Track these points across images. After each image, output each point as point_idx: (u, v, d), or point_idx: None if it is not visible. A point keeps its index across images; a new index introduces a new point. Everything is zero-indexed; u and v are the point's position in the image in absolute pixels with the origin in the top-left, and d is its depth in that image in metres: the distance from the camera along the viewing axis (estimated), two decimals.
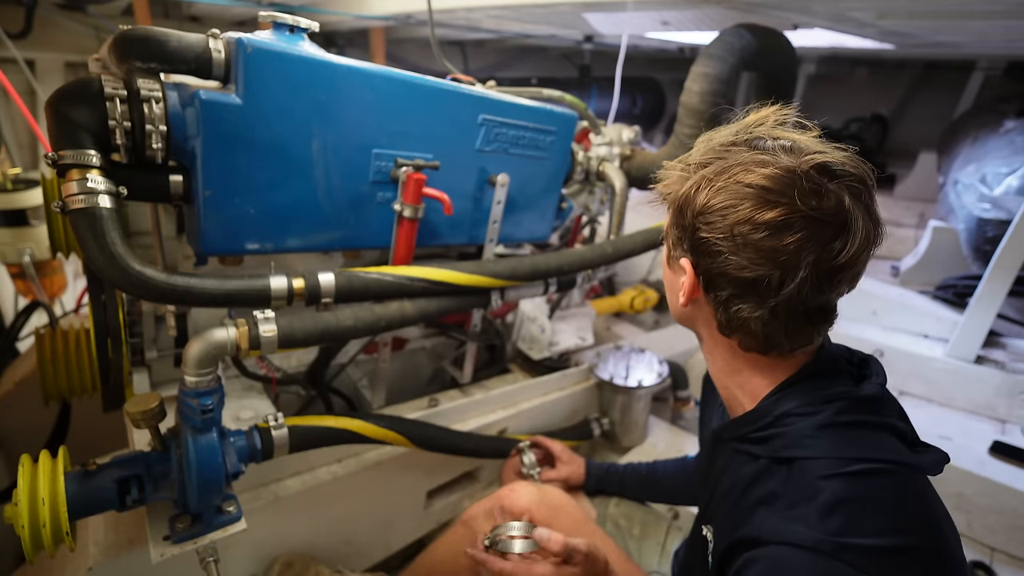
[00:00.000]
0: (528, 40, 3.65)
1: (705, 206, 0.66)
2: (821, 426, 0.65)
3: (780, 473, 0.65)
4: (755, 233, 0.61)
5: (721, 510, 0.75)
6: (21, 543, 0.74)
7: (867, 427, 0.65)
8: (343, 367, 1.35)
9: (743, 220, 0.62)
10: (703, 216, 0.66)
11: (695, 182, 0.68)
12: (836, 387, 0.68)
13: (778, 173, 0.61)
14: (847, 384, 0.70)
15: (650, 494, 1.27)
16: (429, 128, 1.07)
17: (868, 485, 0.59)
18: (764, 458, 0.68)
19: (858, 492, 0.58)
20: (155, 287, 0.78)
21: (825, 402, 0.67)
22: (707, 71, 1.51)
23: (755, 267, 0.62)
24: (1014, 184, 2.16)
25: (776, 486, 0.64)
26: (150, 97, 0.78)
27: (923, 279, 2.51)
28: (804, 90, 4.38)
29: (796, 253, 0.60)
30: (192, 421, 0.81)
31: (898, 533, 0.56)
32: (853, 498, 0.58)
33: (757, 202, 0.62)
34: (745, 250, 0.63)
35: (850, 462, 0.60)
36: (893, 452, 0.63)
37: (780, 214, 0.60)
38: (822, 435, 0.64)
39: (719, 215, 0.64)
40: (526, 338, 1.69)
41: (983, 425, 1.79)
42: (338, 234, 1.06)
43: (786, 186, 0.60)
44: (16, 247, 1.63)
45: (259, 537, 1.13)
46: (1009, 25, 1.95)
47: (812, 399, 0.67)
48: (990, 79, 3.84)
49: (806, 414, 0.66)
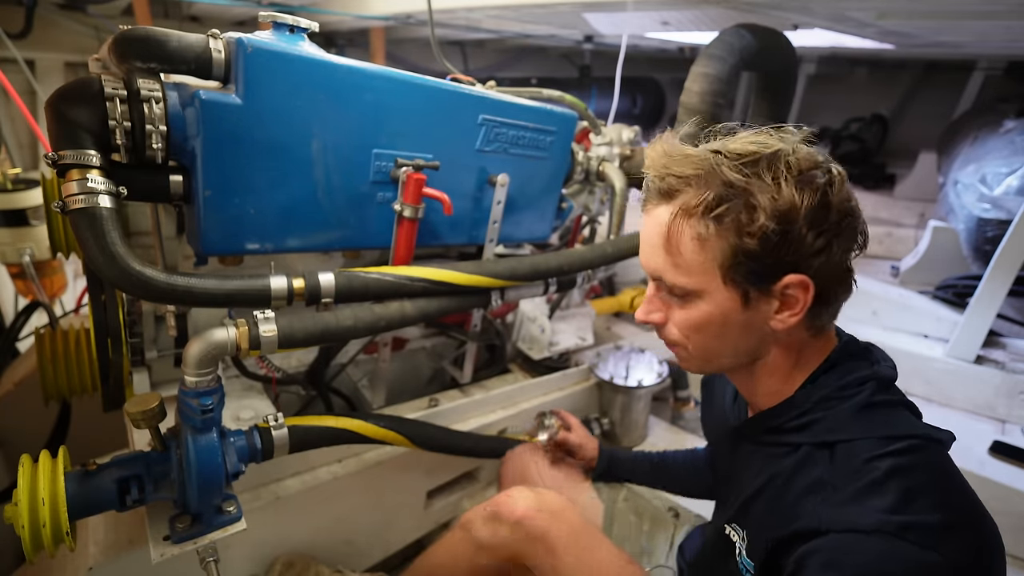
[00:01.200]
0: (528, 40, 3.65)
1: (797, 205, 0.62)
2: (860, 407, 0.67)
3: (823, 459, 0.66)
4: (843, 204, 0.65)
5: (756, 508, 0.73)
6: (21, 543, 0.74)
7: (895, 406, 0.68)
8: (343, 367, 1.35)
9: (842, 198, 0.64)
10: (806, 217, 0.62)
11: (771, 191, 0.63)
12: (864, 369, 0.71)
13: (806, 149, 0.67)
14: (870, 366, 0.72)
15: (660, 482, 1.24)
16: (429, 128, 1.07)
17: (913, 461, 0.61)
18: (805, 445, 0.68)
19: (907, 469, 0.60)
20: (155, 287, 0.78)
21: (859, 384, 0.69)
22: (707, 71, 1.52)
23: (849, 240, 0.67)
24: (1014, 184, 2.16)
25: (822, 473, 0.64)
26: (150, 97, 0.78)
27: (923, 279, 2.51)
28: (804, 90, 4.39)
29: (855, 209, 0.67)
30: (192, 421, 0.81)
31: (949, 507, 0.57)
32: (903, 476, 0.59)
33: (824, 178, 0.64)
34: (845, 228, 0.65)
35: (892, 440, 0.63)
36: (921, 428, 0.66)
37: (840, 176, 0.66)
38: (862, 416, 0.66)
39: (819, 205, 0.63)
40: (526, 338, 1.69)
41: (983, 425, 1.79)
42: (338, 234, 1.06)
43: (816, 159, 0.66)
44: (16, 247, 1.63)
45: (259, 537, 1.13)
46: (1009, 25, 1.95)
47: (848, 382, 0.69)
48: (990, 79, 3.84)
49: (844, 397, 0.68)
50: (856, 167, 4.15)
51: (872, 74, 4.58)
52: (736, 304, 0.68)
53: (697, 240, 0.66)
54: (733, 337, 0.71)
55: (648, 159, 0.72)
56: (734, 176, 0.64)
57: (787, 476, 0.69)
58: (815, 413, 0.69)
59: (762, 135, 0.69)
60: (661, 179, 0.69)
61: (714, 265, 0.66)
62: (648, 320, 0.76)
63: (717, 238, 0.65)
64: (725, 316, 0.69)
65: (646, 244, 0.73)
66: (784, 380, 0.74)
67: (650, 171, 0.71)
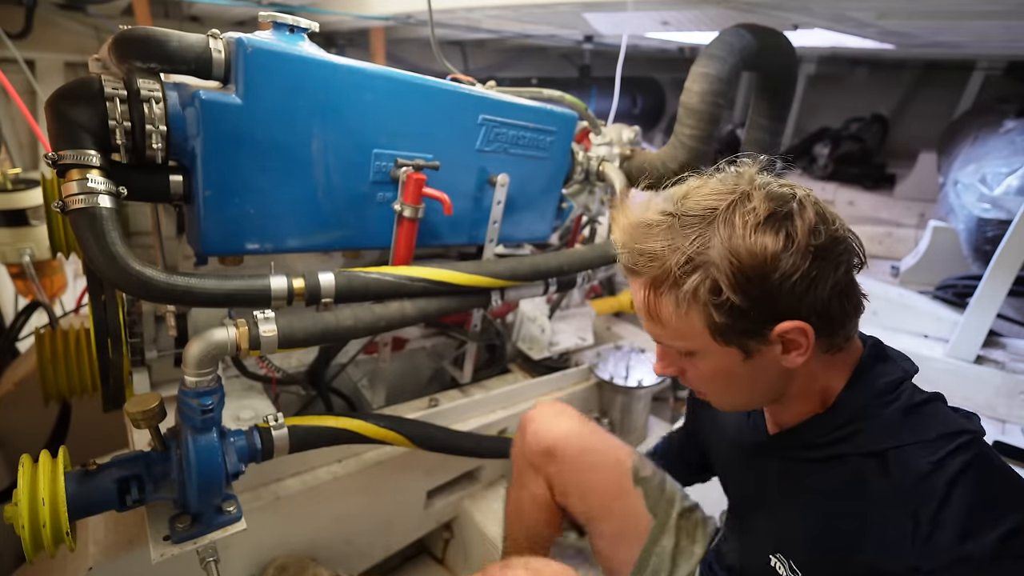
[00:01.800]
0: (528, 40, 3.65)
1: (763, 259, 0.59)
2: (905, 411, 0.66)
3: (875, 470, 0.64)
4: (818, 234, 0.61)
5: (808, 532, 0.71)
6: (21, 543, 0.74)
7: (933, 402, 0.67)
8: (343, 367, 1.35)
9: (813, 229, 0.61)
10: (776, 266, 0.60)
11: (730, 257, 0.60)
12: (895, 371, 0.70)
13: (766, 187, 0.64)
14: (897, 366, 0.71)
15: None
16: (429, 128, 1.07)
17: (968, 462, 0.60)
18: (852, 456, 0.66)
19: (968, 473, 0.59)
20: (155, 287, 0.78)
21: (897, 386, 0.68)
22: (707, 71, 1.51)
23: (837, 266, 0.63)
24: (1014, 184, 2.16)
25: (884, 491, 0.62)
26: (150, 97, 0.78)
27: (923, 279, 2.50)
28: (804, 90, 4.38)
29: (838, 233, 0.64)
30: (192, 421, 0.81)
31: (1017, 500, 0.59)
32: (969, 484, 0.58)
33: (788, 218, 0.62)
34: (827, 257, 0.62)
35: (943, 440, 0.62)
36: (963, 421, 0.66)
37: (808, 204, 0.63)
38: (909, 420, 0.65)
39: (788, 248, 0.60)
40: (526, 338, 1.69)
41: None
42: (338, 234, 1.06)
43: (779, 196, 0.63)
44: (16, 247, 1.63)
45: (259, 537, 1.13)
46: (1009, 25, 1.94)
47: (885, 387, 0.68)
48: (990, 79, 3.84)
49: (886, 402, 0.67)
50: (856, 167, 4.14)
51: (872, 74, 4.57)
52: (737, 358, 0.66)
53: (675, 311, 0.65)
54: (748, 385, 0.70)
55: (614, 233, 0.72)
56: (692, 248, 0.62)
57: (840, 493, 0.67)
58: (858, 423, 0.67)
59: (719, 179, 0.68)
60: (627, 257, 0.68)
61: (702, 328, 0.65)
62: (665, 374, 0.77)
63: (693, 308, 0.64)
64: (730, 370, 0.68)
65: (637, 311, 0.72)
66: (817, 402, 0.72)
67: (617, 247, 0.71)
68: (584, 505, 1.08)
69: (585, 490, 1.08)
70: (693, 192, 0.67)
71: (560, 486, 1.09)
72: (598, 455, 1.09)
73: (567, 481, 1.08)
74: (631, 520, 1.05)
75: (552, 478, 1.10)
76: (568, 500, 1.09)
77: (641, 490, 1.06)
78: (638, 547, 1.03)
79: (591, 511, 1.08)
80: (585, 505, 1.08)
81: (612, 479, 1.07)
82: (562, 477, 1.08)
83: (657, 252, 0.64)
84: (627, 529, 1.05)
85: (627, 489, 1.06)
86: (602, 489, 1.07)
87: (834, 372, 0.70)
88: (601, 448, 1.10)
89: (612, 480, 1.07)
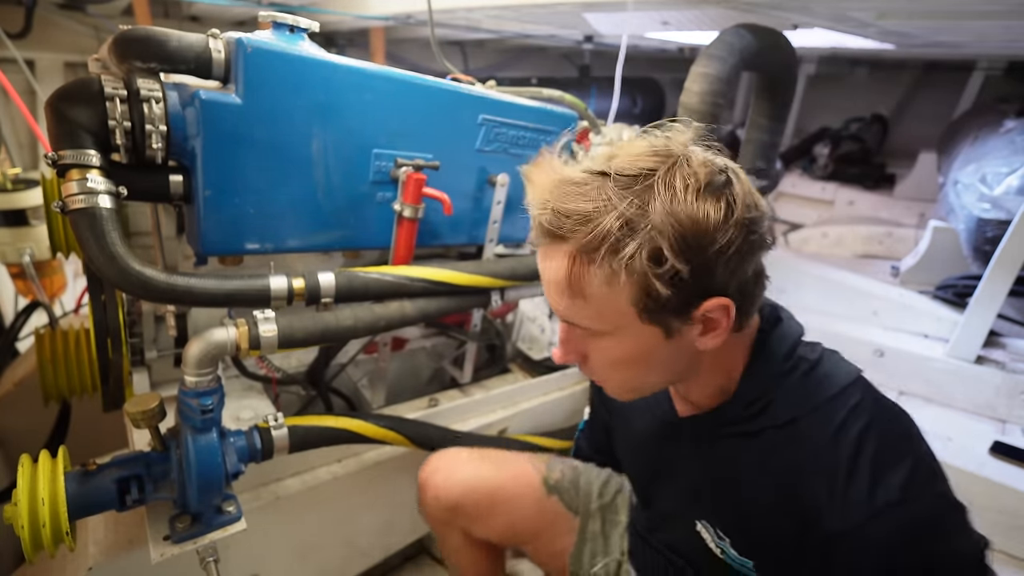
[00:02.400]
0: (528, 40, 3.65)
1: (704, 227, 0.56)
2: (804, 376, 0.67)
3: (791, 438, 0.65)
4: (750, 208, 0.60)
5: (731, 502, 0.72)
6: (21, 543, 0.74)
7: (821, 361, 0.69)
8: (343, 367, 1.35)
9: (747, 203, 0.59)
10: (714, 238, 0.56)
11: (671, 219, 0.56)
12: (789, 335, 0.71)
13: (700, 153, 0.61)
14: (788, 327, 0.72)
15: None
16: (429, 128, 1.07)
17: (867, 412, 0.64)
18: (768, 429, 0.67)
19: (869, 427, 0.62)
20: (155, 287, 0.78)
21: (793, 352, 0.69)
22: (707, 71, 1.51)
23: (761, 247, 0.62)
24: (1014, 184, 2.15)
25: (802, 457, 0.64)
26: (150, 97, 0.78)
27: (923, 279, 2.50)
28: (804, 90, 4.38)
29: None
30: (192, 421, 0.81)
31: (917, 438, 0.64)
32: (873, 438, 0.62)
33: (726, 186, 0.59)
34: (755, 235, 0.60)
35: (840, 398, 0.65)
36: (848, 367, 0.70)
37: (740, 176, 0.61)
38: (809, 384, 0.67)
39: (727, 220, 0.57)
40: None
41: (983, 425, 1.79)
42: (338, 234, 1.06)
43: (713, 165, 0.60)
44: (16, 247, 1.63)
45: (259, 537, 1.13)
46: (1009, 25, 1.94)
47: (785, 355, 0.69)
48: (990, 79, 3.84)
49: (789, 370, 0.68)
50: (856, 167, 4.14)
51: (872, 74, 4.57)
52: (658, 338, 0.63)
53: (605, 284, 0.59)
54: (659, 367, 0.67)
55: (531, 192, 0.63)
56: (631, 210, 0.56)
57: (760, 465, 0.67)
58: (768, 396, 0.68)
59: (649, 141, 0.62)
60: (550, 218, 0.59)
61: (627, 305, 0.60)
62: (566, 362, 0.71)
63: (626, 279, 0.57)
64: (648, 351, 0.64)
65: (548, 285, 0.64)
66: (724, 378, 0.71)
67: (534, 208, 0.61)
68: (511, 534, 1.07)
69: (505, 524, 1.06)
70: (622, 152, 0.60)
71: (480, 531, 1.07)
72: (506, 488, 1.05)
73: (485, 526, 1.06)
74: (558, 527, 1.06)
75: (468, 528, 1.07)
76: (493, 537, 1.08)
77: (556, 496, 1.06)
78: (572, 545, 1.05)
79: (519, 537, 1.08)
80: (512, 534, 1.07)
81: (527, 503, 1.05)
82: (478, 524, 1.06)
83: (590, 213, 0.57)
84: (557, 536, 1.06)
85: (544, 503, 1.06)
86: (520, 516, 1.06)
87: (738, 347, 0.70)
88: (506, 478, 1.06)
89: (527, 503, 1.05)
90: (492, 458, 1.10)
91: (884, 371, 2.00)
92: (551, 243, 0.62)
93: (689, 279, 0.57)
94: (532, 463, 1.10)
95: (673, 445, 0.82)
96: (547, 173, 0.62)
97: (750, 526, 0.70)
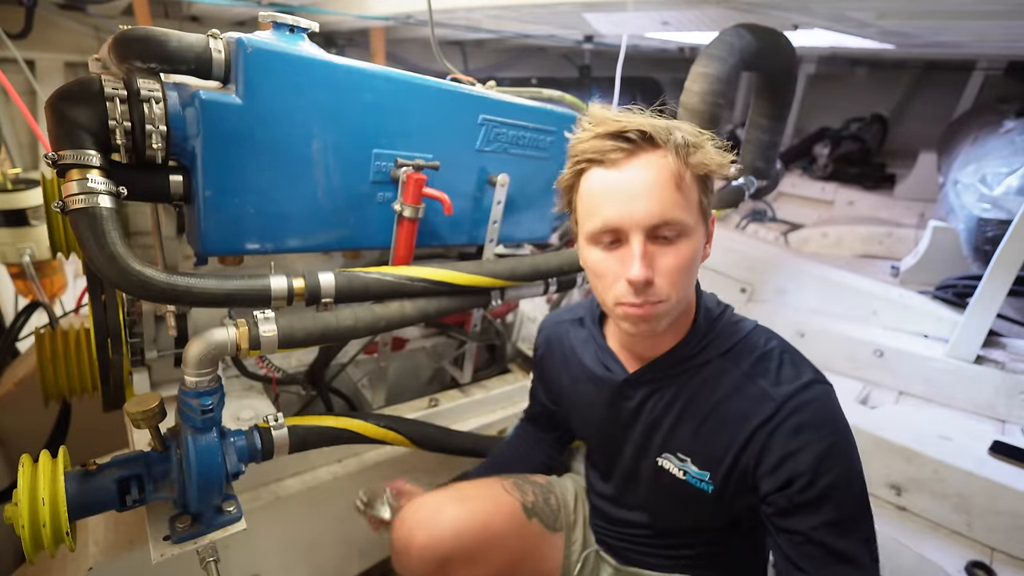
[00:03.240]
0: (528, 40, 3.65)
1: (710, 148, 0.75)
2: (730, 317, 0.88)
3: (732, 361, 0.82)
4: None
5: (690, 428, 0.84)
6: (21, 543, 0.74)
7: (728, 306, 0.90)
8: (343, 367, 1.35)
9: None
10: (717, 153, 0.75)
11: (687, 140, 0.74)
12: (711, 294, 0.91)
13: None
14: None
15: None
16: (429, 128, 1.07)
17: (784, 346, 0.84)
18: (714, 359, 0.83)
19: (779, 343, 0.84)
20: (155, 287, 0.78)
21: (719, 302, 0.89)
22: (707, 71, 1.51)
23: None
24: (1014, 184, 2.16)
25: (742, 371, 0.81)
26: (150, 97, 0.78)
27: (923, 279, 2.50)
28: (804, 90, 4.38)
29: None
30: (192, 421, 0.81)
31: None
32: (783, 349, 0.83)
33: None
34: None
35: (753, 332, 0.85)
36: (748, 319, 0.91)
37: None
38: (734, 322, 0.87)
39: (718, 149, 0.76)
40: (526, 338, 1.69)
41: (983, 425, 1.79)
42: (338, 234, 1.06)
43: None
44: (16, 247, 1.63)
45: (259, 537, 1.13)
46: (1009, 25, 1.94)
47: (716, 303, 0.89)
48: (990, 79, 3.84)
49: (721, 314, 0.87)
50: (856, 167, 4.14)
51: (872, 74, 4.57)
52: (702, 238, 0.77)
53: (693, 177, 0.74)
54: (696, 273, 0.80)
55: (606, 117, 0.76)
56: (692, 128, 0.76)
57: (710, 387, 0.82)
58: (711, 332, 0.85)
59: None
60: (641, 131, 0.73)
61: (698, 200, 0.75)
62: (649, 277, 0.73)
63: (699, 176, 0.75)
64: (697, 252, 0.77)
65: (645, 189, 0.72)
66: (688, 315, 0.85)
67: (622, 124, 0.73)
68: (504, 570, 0.99)
69: (498, 562, 0.97)
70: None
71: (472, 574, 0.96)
72: (494, 523, 0.97)
73: (476, 568, 0.95)
74: (543, 551, 1.04)
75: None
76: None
77: (536, 519, 1.03)
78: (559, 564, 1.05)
79: (510, 568, 1.00)
80: (505, 569, 0.99)
81: (512, 537, 0.99)
82: (468, 569, 0.94)
83: (673, 123, 0.74)
84: (543, 560, 1.04)
85: (526, 528, 1.02)
86: (510, 547, 0.99)
87: (693, 292, 0.85)
88: (491, 512, 0.98)
89: (512, 537, 0.99)
90: (470, 495, 1.01)
91: (884, 371, 2.00)
92: (643, 150, 0.73)
93: (712, 191, 0.77)
94: (506, 489, 1.04)
95: (627, 400, 0.91)
96: (605, 113, 0.78)
97: (707, 439, 0.82)
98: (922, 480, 1.57)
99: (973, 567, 1.42)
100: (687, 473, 0.85)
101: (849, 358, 2.08)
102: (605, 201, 0.74)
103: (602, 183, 0.75)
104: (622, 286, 0.75)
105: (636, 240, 0.73)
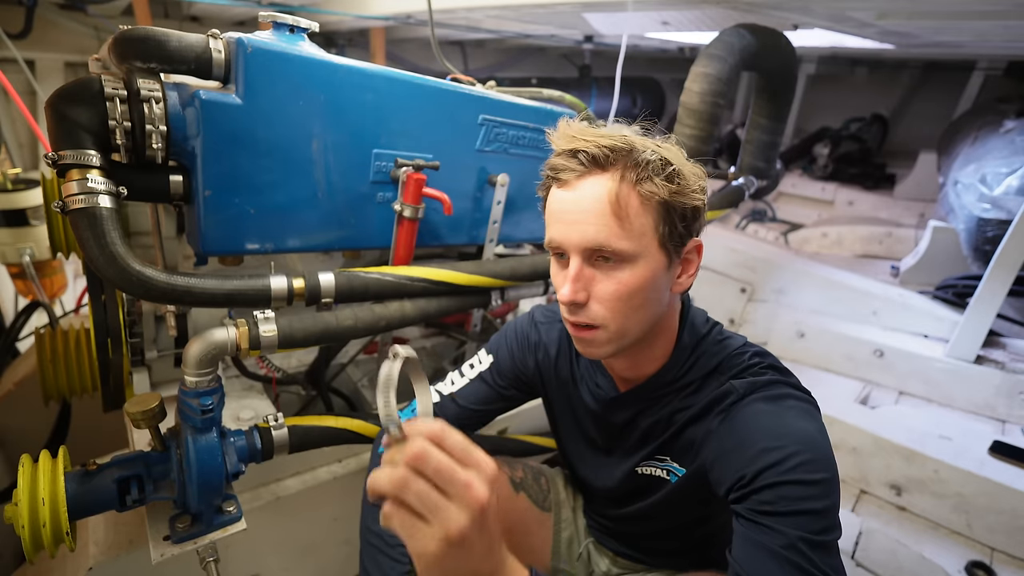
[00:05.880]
0: (528, 40, 3.65)
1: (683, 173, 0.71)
2: (717, 335, 0.84)
3: (717, 378, 0.80)
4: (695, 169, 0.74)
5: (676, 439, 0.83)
6: (21, 543, 0.74)
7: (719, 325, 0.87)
8: (343, 367, 1.35)
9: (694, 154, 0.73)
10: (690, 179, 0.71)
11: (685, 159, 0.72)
12: (701, 311, 0.87)
13: None
14: (696, 308, 0.88)
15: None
16: (429, 128, 1.07)
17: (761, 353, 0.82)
18: (697, 379, 0.81)
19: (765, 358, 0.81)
20: (155, 287, 0.78)
21: (707, 320, 0.86)
22: (707, 71, 1.52)
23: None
24: (1014, 184, 2.16)
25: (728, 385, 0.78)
26: (150, 97, 0.78)
27: (923, 279, 2.50)
28: (804, 90, 4.39)
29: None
30: (192, 421, 0.81)
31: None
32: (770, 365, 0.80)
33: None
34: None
35: (741, 350, 0.82)
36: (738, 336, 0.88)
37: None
38: (722, 341, 0.84)
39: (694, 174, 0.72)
40: None
41: (983, 425, 1.79)
42: (338, 234, 1.06)
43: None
44: (16, 247, 1.63)
45: (259, 537, 1.13)
46: (1009, 25, 1.95)
47: (700, 322, 0.85)
48: (990, 79, 3.84)
49: (706, 335, 0.84)
50: (856, 167, 4.14)
51: (872, 74, 4.58)
52: (663, 267, 0.72)
53: (642, 204, 0.69)
54: (652, 304, 0.74)
55: (567, 134, 0.74)
56: (652, 143, 0.71)
57: (700, 406, 0.80)
58: (696, 354, 0.82)
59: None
60: (596, 147, 0.70)
61: (652, 228, 0.70)
62: (576, 299, 0.72)
63: (658, 202, 0.69)
64: (654, 279, 0.72)
65: (583, 214, 0.70)
66: (668, 340, 0.82)
67: (576, 143, 0.71)
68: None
69: None
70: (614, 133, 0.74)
71: None
72: None
73: None
74: (529, 525, 1.06)
75: None
76: None
77: (523, 493, 1.06)
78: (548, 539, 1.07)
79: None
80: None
81: (502, 505, 1.01)
82: None
83: (633, 143, 0.70)
84: (529, 533, 1.06)
85: (513, 501, 1.05)
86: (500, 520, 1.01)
87: (675, 312, 0.82)
88: None
89: (502, 505, 1.01)
90: None
91: (884, 371, 2.00)
92: (591, 172, 0.71)
93: (691, 217, 0.72)
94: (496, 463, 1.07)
95: (611, 418, 0.91)
96: (577, 125, 0.75)
97: (690, 441, 0.82)
98: (922, 480, 1.57)
99: (973, 567, 1.42)
100: (669, 471, 0.86)
101: (849, 358, 2.08)
102: (552, 218, 0.75)
103: (553, 201, 0.75)
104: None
105: (574, 261, 0.72)
